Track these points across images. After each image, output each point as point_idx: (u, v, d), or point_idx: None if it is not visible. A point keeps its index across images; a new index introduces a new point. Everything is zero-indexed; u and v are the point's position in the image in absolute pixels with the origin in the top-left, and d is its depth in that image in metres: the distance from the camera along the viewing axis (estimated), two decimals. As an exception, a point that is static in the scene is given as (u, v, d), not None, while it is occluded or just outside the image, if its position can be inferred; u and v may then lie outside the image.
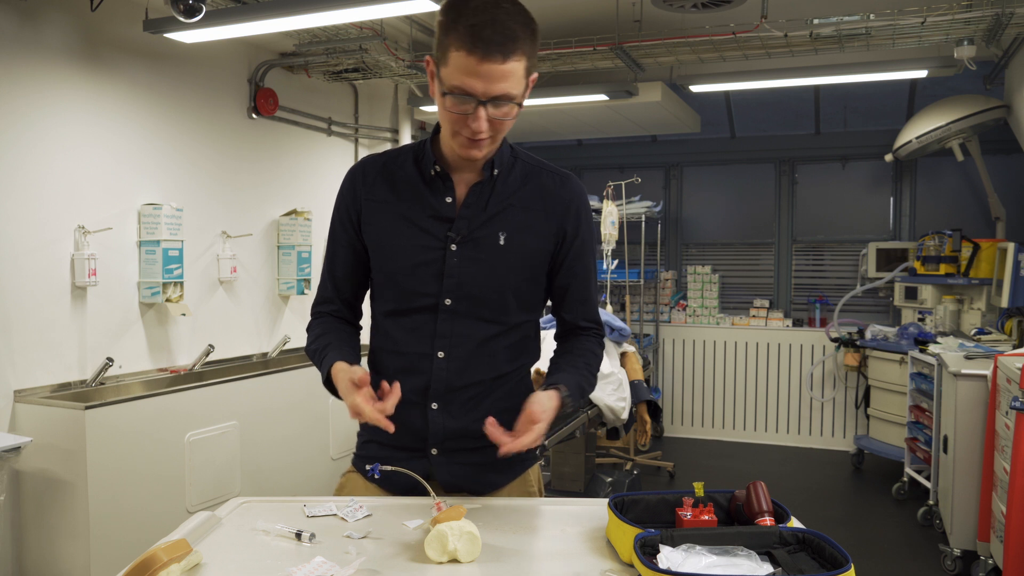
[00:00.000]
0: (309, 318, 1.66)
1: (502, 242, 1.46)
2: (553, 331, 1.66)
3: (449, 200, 1.47)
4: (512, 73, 1.31)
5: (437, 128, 1.50)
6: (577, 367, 1.52)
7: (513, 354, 1.54)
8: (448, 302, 1.47)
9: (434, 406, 1.49)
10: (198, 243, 3.73)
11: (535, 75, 1.41)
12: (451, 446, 1.51)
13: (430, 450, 1.52)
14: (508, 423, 1.37)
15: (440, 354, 1.48)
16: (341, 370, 1.42)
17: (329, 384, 1.48)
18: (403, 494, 1.52)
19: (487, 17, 1.28)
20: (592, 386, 1.56)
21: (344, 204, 1.55)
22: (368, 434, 1.61)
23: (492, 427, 1.33)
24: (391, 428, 1.33)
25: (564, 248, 1.52)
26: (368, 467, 1.43)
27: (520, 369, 1.58)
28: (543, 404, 1.37)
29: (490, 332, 1.49)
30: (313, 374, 3.94)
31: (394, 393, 1.35)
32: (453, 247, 1.46)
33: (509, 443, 1.32)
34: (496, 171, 1.48)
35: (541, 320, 1.64)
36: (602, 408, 3.65)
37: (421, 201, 1.48)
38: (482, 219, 1.46)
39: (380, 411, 1.32)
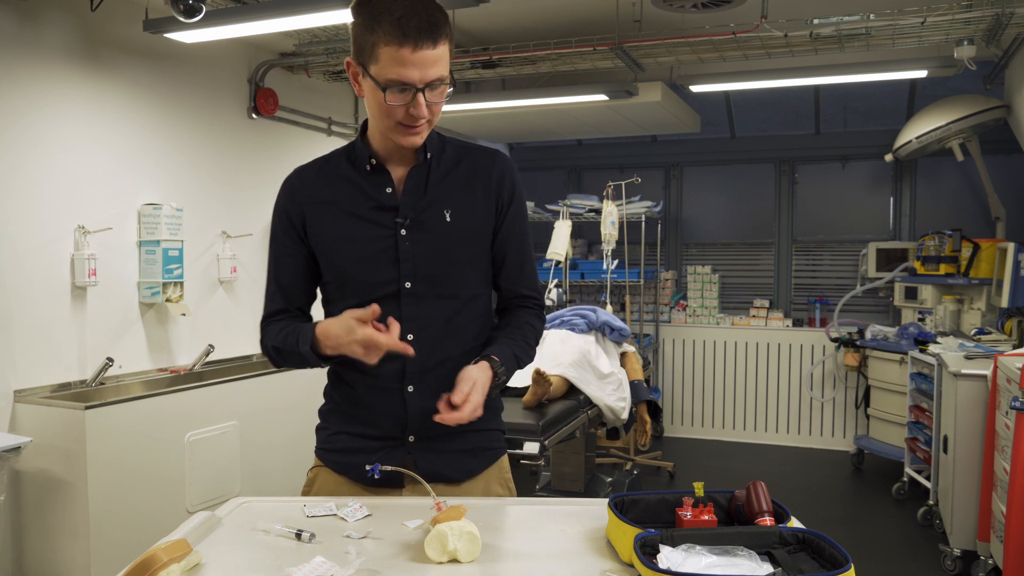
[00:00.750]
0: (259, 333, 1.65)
1: (448, 219, 1.51)
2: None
3: (389, 190, 1.52)
4: (442, 56, 1.38)
5: (364, 126, 1.57)
6: (513, 338, 1.56)
7: (478, 328, 1.59)
8: (408, 285, 1.50)
9: (410, 388, 1.52)
10: (198, 243, 3.73)
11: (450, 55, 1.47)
12: (429, 431, 1.51)
13: (408, 437, 1.53)
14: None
15: (409, 336, 1.49)
16: (331, 323, 1.44)
17: (314, 354, 1.48)
18: (375, 486, 1.53)
19: (407, 8, 1.34)
20: (530, 357, 1.60)
21: (285, 213, 1.59)
22: (337, 425, 1.62)
23: (442, 404, 1.39)
24: (410, 351, 1.39)
25: (499, 219, 1.57)
26: (368, 467, 1.43)
27: (485, 344, 1.61)
28: (473, 375, 1.42)
29: (453, 308, 1.54)
30: (313, 374, 3.95)
31: (393, 325, 1.39)
32: (403, 232, 1.50)
33: (450, 414, 1.37)
34: (429, 155, 1.53)
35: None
36: (602, 408, 3.64)
37: (362, 195, 1.53)
38: (425, 201, 1.51)
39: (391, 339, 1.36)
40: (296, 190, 1.59)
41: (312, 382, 3.99)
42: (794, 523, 1.23)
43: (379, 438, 1.55)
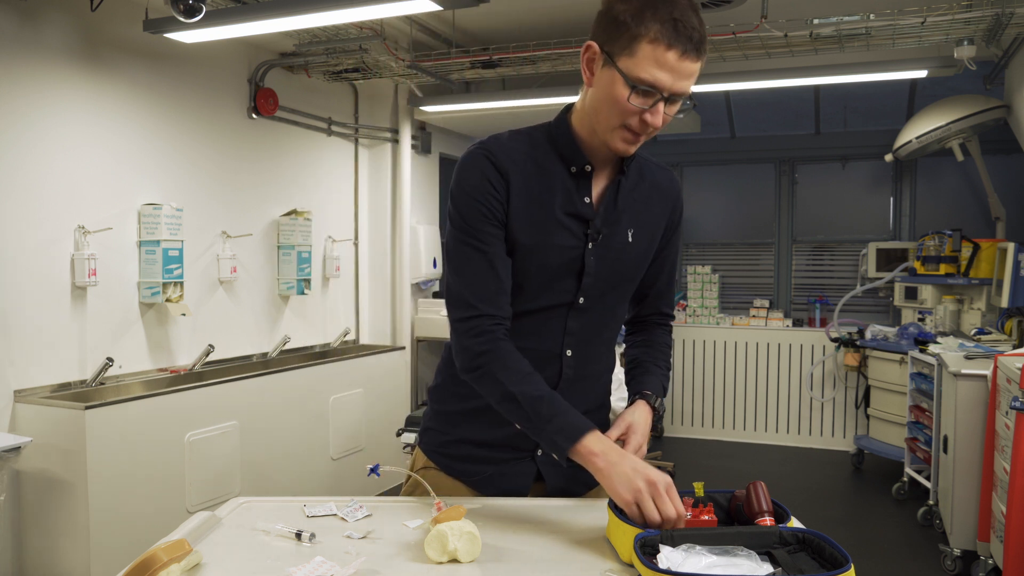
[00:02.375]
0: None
1: (630, 239, 1.46)
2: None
3: (587, 199, 1.42)
4: (695, 72, 1.31)
5: (566, 115, 1.43)
6: (659, 365, 1.56)
7: (613, 347, 1.57)
8: (582, 300, 1.44)
9: None
10: (198, 243, 3.73)
11: None
12: None
13: (537, 451, 1.49)
14: (601, 421, 1.50)
15: (568, 352, 1.46)
16: (623, 461, 1.25)
17: (564, 453, 1.31)
18: (496, 494, 1.49)
19: (685, 12, 1.27)
20: (667, 379, 1.60)
21: (487, 196, 1.36)
22: (459, 432, 1.52)
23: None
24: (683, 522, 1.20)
25: (666, 237, 1.54)
26: (369, 467, 1.43)
27: (615, 361, 1.60)
28: (629, 419, 1.41)
29: (607, 325, 1.51)
30: (312, 374, 3.97)
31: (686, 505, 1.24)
32: (590, 246, 1.42)
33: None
34: (627, 168, 1.45)
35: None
36: (602, 408, 3.64)
37: (566, 197, 1.41)
38: (614, 217, 1.45)
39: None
40: (507, 167, 1.37)
41: (312, 382, 4.01)
42: (794, 523, 1.23)
43: (508, 447, 1.49)
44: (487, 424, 1.47)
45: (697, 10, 1.31)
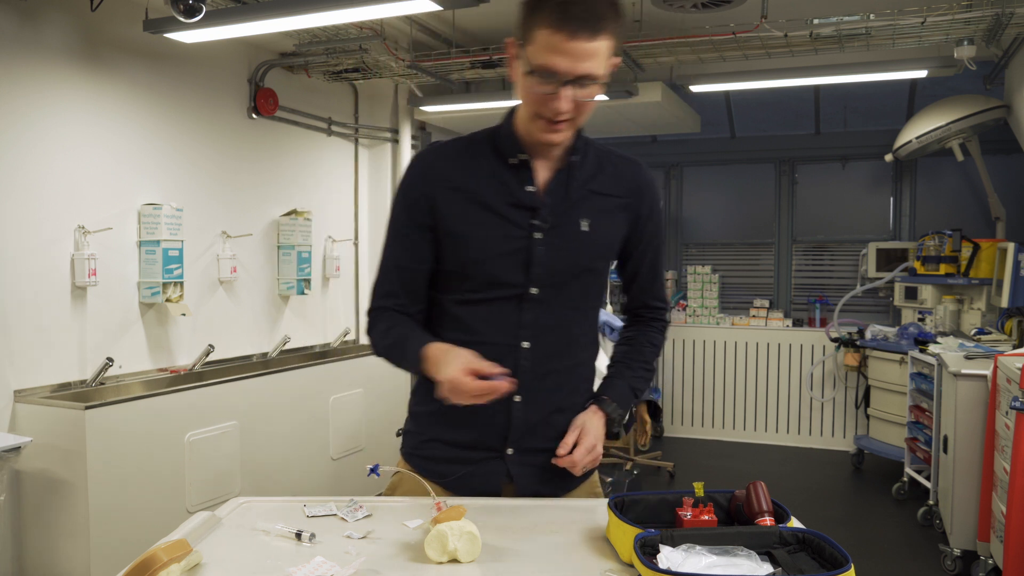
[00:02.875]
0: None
1: (585, 228, 1.46)
2: (612, 345, 1.68)
3: (531, 188, 1.44)
4: (598, 52, 1.30)
5: (510, 113, 1.48)
6: (632, 367, 1.59)
7: (587, 340, 1.56)
8: (534, 291, 1.45)
9: (517, 399, 1.46)
10: (198, 243, 3.73)
11: (618, 59, 1.39)
12: (527, 444, 1.49)
13: (507, 450, 1.49)
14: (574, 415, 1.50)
15: (525, 344, 1.46)
16: (447, 348, 1.39)
17: (421, 372, 1.45)
18: (471, 494, 1.49)
19: None
20: (648, 383, 1.61)
21: (413, 193, 1.47)
22: (431, 432, 1.54)
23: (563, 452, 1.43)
24: (506, 388, 1.34)
25: (638, 231, 1.54)
26: (369, 467, 1.43)
27: (592, 357, 1.59)
28: (580, 423, 1.47)
29: (570, 319, 1.50)
30: (312, 374, 3.96)
31: (505, 384, 1.35)
32: (538, 235, 1.44)
33: (562, 460, 1.43)
34: (576, 157, 1.47)
35: (606, 329, 1.68)
36: (602, 408, 3.64)
37: (502, 188, 1.44)
38: (565, 206, 1.46)
39: (486, 385, 1.33)
40: (430, 170, 1.47)
41: (312, 382, 4.01)
42: (794, 523, 1.23)
43: (477, 448, 1.50)
44: (455, 423, 1.49)
45: None
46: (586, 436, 1.43)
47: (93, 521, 2.76)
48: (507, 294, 1.45)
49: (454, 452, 1.51)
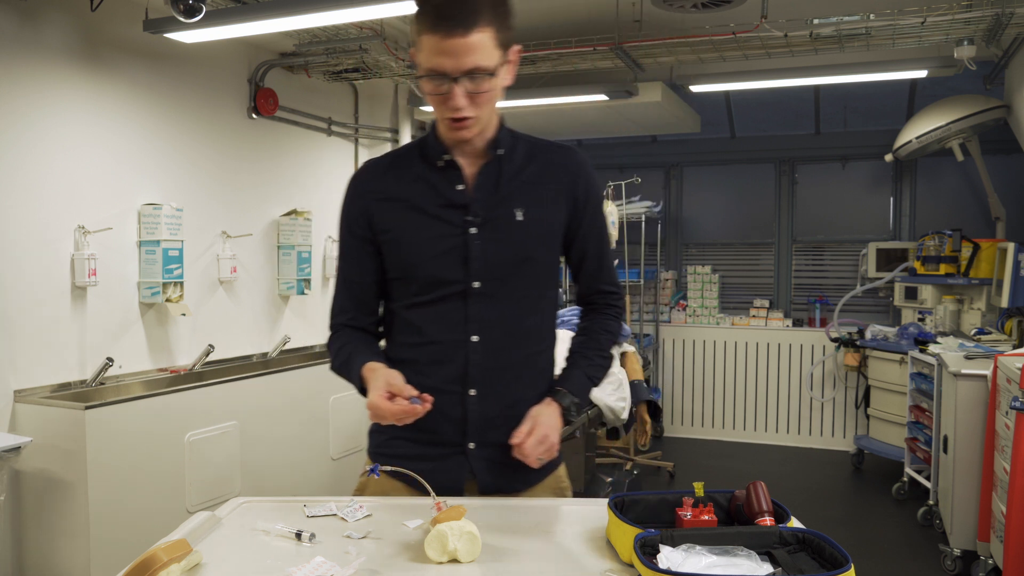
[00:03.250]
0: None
1: (520, 218, 1.48)
2: (571, 333, 1.67)
3: (460, 187, 1.49)
4: (478, 45, 1.33)
5: (435, 121, 1.52)
6: (587, 356, 1.58)
7: (542, 332, 1.57)
8: (477, 285, 1.47)
9: (472, 392, 1.48)
10: (198, 243, 3.73)
11: (517, 47, 1.43)
12: (489, 438, 1.49)
13: (468, 444, 1.50)
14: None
15: (474, 338, 1.47)
16: (375, 369, 1.45)
17: (358, 386, 1.51)
18: (438, 492, 1.49)
19: None
20: (605, 370, 1.61)
21: (351, 209, 1.55)
22: (393, 430, 1.56)
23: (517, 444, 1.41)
24: (422, 410, 1.37)
25: (577, 216, 1.54)
26: (368, 467, 1.43)
27: (549, 347, 1.60)
28: (534, 414, 1.45)
29: (521, 310, 1.51)
30: (312, 374, 3.96)
31: (426, 400, 1.39)
32: (473, 231, 1.47)
33: (517, 452, 1.41)
34: (501, 151, 1.50)
35: (562, 315, 1.68)
36: (602, 408, 3.64)
37: (432, 191, 1.49)
38: (496, 199, 1.48)
39: (402, 408, 1.37)
40: (361, 186, 1.55)
41: (312, 382, 4.00)
42: (794, 523, 1.23)
43: (438, 444, 1.51)
44: (418, 421, 1.49)
45: None
46: (539, 427, 1.42)
47: (93, 521, 2.76)
48: (451, 291, 1.48)
49: (418, 449, 1.53)
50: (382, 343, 1.61)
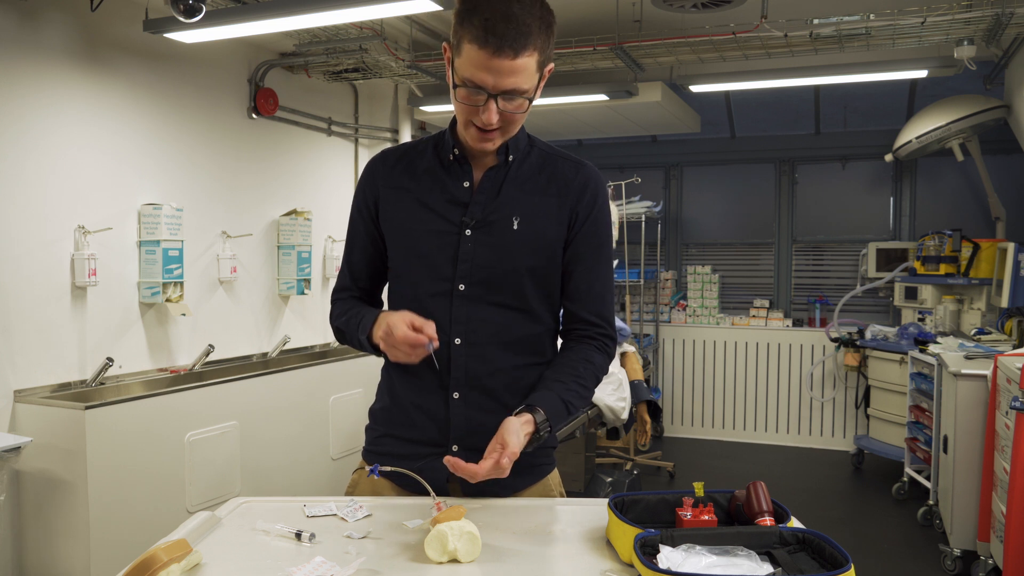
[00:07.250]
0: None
1: (515, 226, 1.46)
2: None
3: (466, 184, 1.48)
4: (523, 68, 1.33)
5: (454, 119, 1.50)
6: (564, 381, 1.45)
7: (535, 346, 1.51)
8: (462, 287, 1.46)
9: (456, 395, 1.48)
10: (198, 243, 3.73)
11: (551, 66, 1.42)
12: (472, 443, 1.47)
13: (451, 447, 1.49)
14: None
15: (457, 340, 1.46)
16: (390, 316, 1.42)
17: (370, 344, 1.48)
18: (416, 493, 1.48)
19: (501, 11, 1.29)
20: (585, 400, 1.51)
21: (362, 193, 1.57)
22: (384, 428, 1.58)
23: (451, 461, 1.30)
24: (426, 350, 1.36)
25: (573, 231, 1.49)
26: (368, 467, 1.43)
27: (541, 363, 1.53)
28: (513, 426, 1.34)
29: (508, 318, 1.48)
30: (312, 374, 3.96)
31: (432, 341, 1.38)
32: (468, 232, 1.46)
33: (474, 469, 1.29)
34: (511, 157, 1.48)
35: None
36: (602, 408, 3.65)
37: (439, 186, 1.49)
38: (495, 204, 1.47)
39: (416, 336, 1.36)
40: (376, 172, 1.56)
41: (312, 382, 4.01)
42: (794, 523, 1.23)
43: (423, 443, 1.51)
44: (401, 420, 1.54)
45: (524, 4, 1.32)
46: (503, 455, 1.30)
47: (93, 521, 2.76)
48: (440, 289, 1.48)
49: (406, 448, 1.53)
50: None
